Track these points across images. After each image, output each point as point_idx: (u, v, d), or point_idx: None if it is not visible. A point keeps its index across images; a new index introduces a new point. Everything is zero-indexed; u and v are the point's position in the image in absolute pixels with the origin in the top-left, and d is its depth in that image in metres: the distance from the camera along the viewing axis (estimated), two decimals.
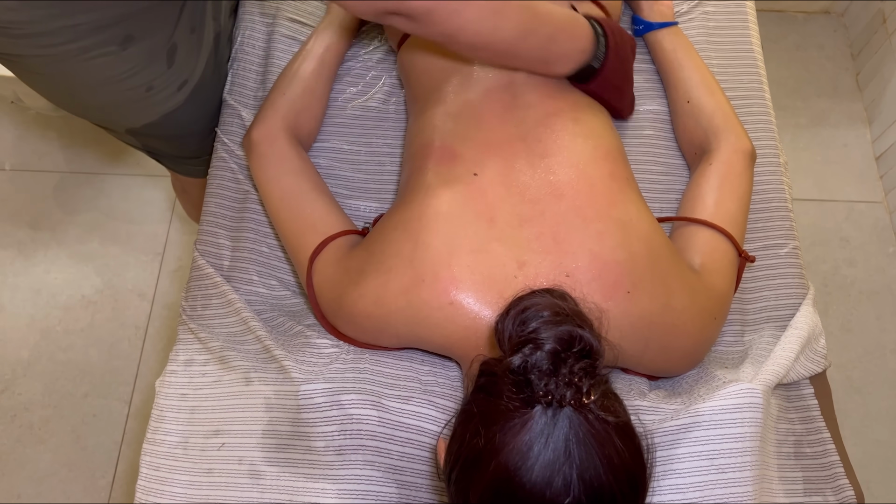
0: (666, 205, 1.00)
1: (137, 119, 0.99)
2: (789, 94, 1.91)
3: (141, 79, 0.90)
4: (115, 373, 1.62)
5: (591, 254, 0.75)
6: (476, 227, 0.77)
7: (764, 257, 0.98)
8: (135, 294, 1.70)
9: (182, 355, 0.92)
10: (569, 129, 0.84)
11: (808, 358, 0.90)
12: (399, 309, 0.76)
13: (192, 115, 1.02)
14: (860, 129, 1.89)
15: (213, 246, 0.98)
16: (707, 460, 0.77)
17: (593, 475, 0.56)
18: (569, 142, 0.82)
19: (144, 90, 0.92)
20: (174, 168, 1.20)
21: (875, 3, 1.87)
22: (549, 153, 0.82)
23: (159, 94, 0.94)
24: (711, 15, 1.14)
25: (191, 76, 0.97)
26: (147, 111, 0.97)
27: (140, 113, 0.97)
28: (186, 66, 0.95)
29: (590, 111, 0.87)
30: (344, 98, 1.07)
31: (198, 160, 1.14)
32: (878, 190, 1.82)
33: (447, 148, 0.83)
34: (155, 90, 0.93)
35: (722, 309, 0.85)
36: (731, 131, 0.95)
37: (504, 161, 0.81)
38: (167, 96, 0.95)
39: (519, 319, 0.63)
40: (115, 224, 1.77)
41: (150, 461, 0.86)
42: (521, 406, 0.58)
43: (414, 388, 0.82)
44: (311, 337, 0.87)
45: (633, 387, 0.84)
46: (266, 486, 0.81)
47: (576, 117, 0.85)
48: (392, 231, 0.80)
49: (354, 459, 0.79)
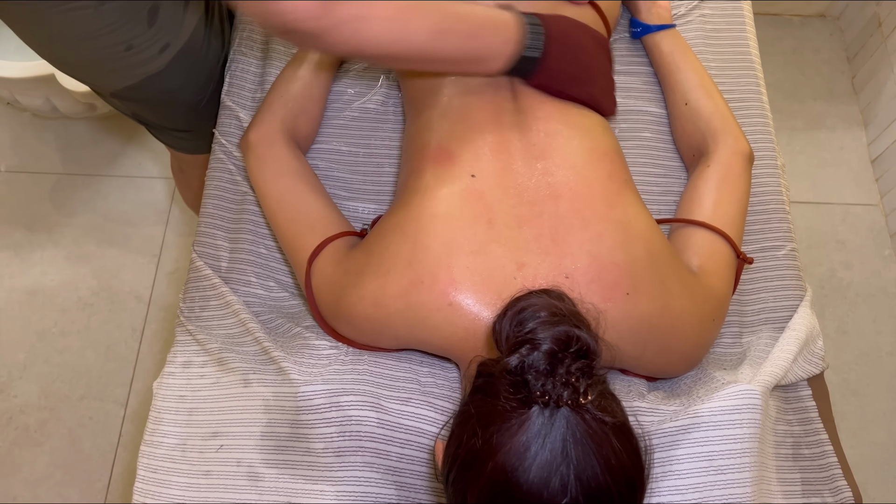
0: (664, 206, 1.00)
1: (118, 80, 0.98)
2: (785, 98, 1.92)
3: (119, 36, 0.90)
4: (112, 375, 1.62)
5: (590, 255, 0.75)
6: (474, 228, 0.77)
7: (762, 259, 0.98)
8: (131, 296, 1.69)
9: (180, 357, 0.92)
10: (566, 130, 0.84)
11: (806, 359, 0.90)
12: (398, 311, 0.76)
13: (174, 81, 1.01)
14: (856, 132, 1.89)
15: (212, 247, 0.98)
16: (706, 461, 0.77)
17: (590, 475, 0.56)
18: (566, 143, 0.82)
19: (124, 49, 0.91)
20: (163, 138, 1.19)
21: (871, 7, 1.87)
22: (547, 155, 0.82)
23: (139, 55, 0.93)
24: (709, 18, 1.14)
25: (174, 40, 0.96)
26: (127, 72, 0.96)
27: (120, 73, 0.96)
28: (170, 28, 0.94)
29: (587, 113, 0.87)
30: (342, 100, 1.07)
31: (185, 133, 1.13)
32: (873, 193, 1.83)
33: (444, 149, 0.83)
34: (134, 50, 0.92)
35: (720, 311, 0.85)
36: (729, 133, 0.96)
37: (502, 163, 0.81)
38: (148, 58, 0.94)
39: (516, 320, 0.63)
40: (111, 226, 1.77)
41: (147, 463, 0.86)
42: (518, 406, 0.58)
43: (413, 389, 0.82)
44: (310, 338, 0.86)
45: (632, 388, 0.84)
46: (264, 487, 0.81)
47: (573, 119, 0.85)
48: (390, 233, 0.80)
49: (353, 461, 0.79)
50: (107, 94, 1.04)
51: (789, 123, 1.89)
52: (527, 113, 0.85)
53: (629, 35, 1.11)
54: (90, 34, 0.88)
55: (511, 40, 0.81)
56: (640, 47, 1.10)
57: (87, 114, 1.68)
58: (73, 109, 1.64)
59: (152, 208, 1.80)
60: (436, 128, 0.86)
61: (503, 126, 0.84)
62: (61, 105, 1.62)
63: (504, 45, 0.81)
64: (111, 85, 0.99)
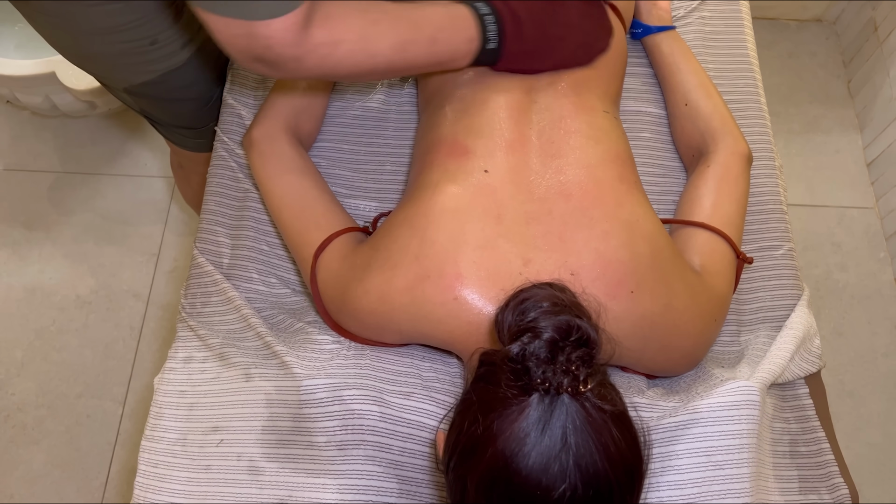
0: (663, 206, 1.01)
1: (137, 76, 0.98)
2: (782, 101, 1.93)
3: (146, 31, 0.90)
4: (110, 373, 1.61)
5: (595, 252, 0.76)
6: (482, 223, 0.77)
7: (760, 259, 0.99)
8: (130, 295, 1.70)
9: (181, 352, 0.92)
10: (581, 131, 0.84)
11: (803, 358, 0.90)
12: (403, 305, 0.77)
13: (190, 78, 1.02)
14: (852, 135, 1.91)
15: (213, 244, 0.99)
16: (705, 457, 0.78)
17: (589, 462, 0.57)
18: (580, 143, 0.83)
19: (148, 43, 0.92)
20: (168, 136, 1.19)
21: (867, 12, 1.89)
22: (561, 154, 0.82)
23: (162, 50, 0.94)
24: (708, 20, 1.15)
25: (195, 35, 0.96)
26: (147, 67, 0.96)
27: (140, 68, 0.97)
28: (193, 23, 0.95)
29: (603, 115, 0.88)
30: (344, 99, 1.07)
31: (192, 131, 1.14)
32: (869, 195, 1.84)
33: (460, 143, 0.83)
34: (158, 45, 0.92)
35: (722, 310, 0.86)
36: (728, 134, 0.97)
37: (516, 159, 0.82)
38: (170, 52, 0.95)
39: (518, 310, 0.64)
40: (110, 224, 1.77)
41: (148, 458, 0.86)
42: (518, 394, 0.59)
43: (415, 383, 0.82)
44: (312, 333, 0.87)
45: (632, 385, 0.84)
46: (265, 481, 0.81)
47: (589, 120, 0.86)
48: (398, 227, 0.80)
49: (355, 455, 0.79)
50: (119, 90, 1.04)
51: (786, 126, 1.91)
52: (545, 111, 0.86)
53: (629, 36, 1.12)
54: (117, 28, 0.88)
55: (472, 38, 0.82)
56: (639, 48, 1.11)
57: (88, 112, 1.68)
58: (74, 108, 1.64)
59: (151, 207, 1.80)
60: (452, 122, 0.86)
61: (521, 123, 0.84)
62: (61, 103, 1.62)
63: (467, 43, 0.82)
64: (128, 80, 1.00)
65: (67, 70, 1.49)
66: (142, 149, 1.86)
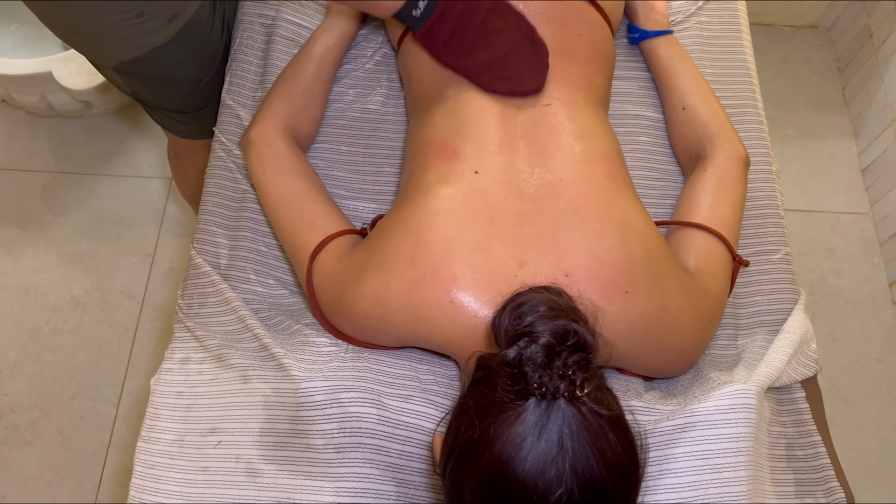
0: (660, 210, 1.01)
1: (125, 51, 0.98)
2: (777, 107, 1.94)
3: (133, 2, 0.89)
4: (104, 374, 1.61)
5: (589, 253, 0.76)
6: (476, 225, 0.77)
7: (757, 263, 0.99)
8: (124, 295, 1.69)
9: (178, 353, 0.92)
10: (567, 128, 0.85)
11: (800, 362, 0.91)
12: (399, 308, 0.77)
13: (179, 56, 1.01)
14: (846, 141, 1.92)
15: (211, 245, 0.98)
16: (702, 460, 0.78)
17: (585, 467, 0.57)
18: (567, 141, 0.83)
19: (135, 16, 0.91)
20: (160, 121, 1.19)
21: (862, 18, 1.90)
22: (548, 152, 0.82)
23: (149, 23, 0.93)
24: (706, 25, 1.15)
25: (183, 10, 0.96)
26: (135, 42, 0.96)
27: (128, 43, 0.96)
28: None
29: (588, 112, 0.88)
30: (343, 101, 1.07)
31: (183, 115, 1.14)
32: (863, 201, 1.85)
33: (449, 145, 0.84)
34: (145, 17, 0.92)
35: (717, 311, 0.86)
36: (725, 138, 0.97)
37: (504, 159, 0.82)
38: (157, 27, 0.94)
39: (515, 314, 0.64)
40: (104, 225, 1.76)
41: (144, 459, 0.85)
42: (515, 398, 0.59)
43: (413, 386, 0.82)
44: (310, 335, 0.87)
45: (630, 387, 0.84)
46: (263, 484, 0.81)
47: (574, 117, 0.86)
48: (392, 230, 0.80)
49: (353, 457, 0.79)
50: (109, 69, 1.03)
51: (781, 132, 1.92)
52: (531, 110, 0.86)
53: (627, 41, 1.12)
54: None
55: None
56: (637, 53, 1.12)
57: (84, 112, 1.68)
58: (70, 107, 1.64)
59: (146, 208, 1.79)
60: (441, 125, 0.87)
61: (507, 123, 0.85)
62: (57, 103, 1.62)
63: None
64: (117, 57, 0.99)
65: (64, 69, 1.49)
66: (137, 149, 1.85)
